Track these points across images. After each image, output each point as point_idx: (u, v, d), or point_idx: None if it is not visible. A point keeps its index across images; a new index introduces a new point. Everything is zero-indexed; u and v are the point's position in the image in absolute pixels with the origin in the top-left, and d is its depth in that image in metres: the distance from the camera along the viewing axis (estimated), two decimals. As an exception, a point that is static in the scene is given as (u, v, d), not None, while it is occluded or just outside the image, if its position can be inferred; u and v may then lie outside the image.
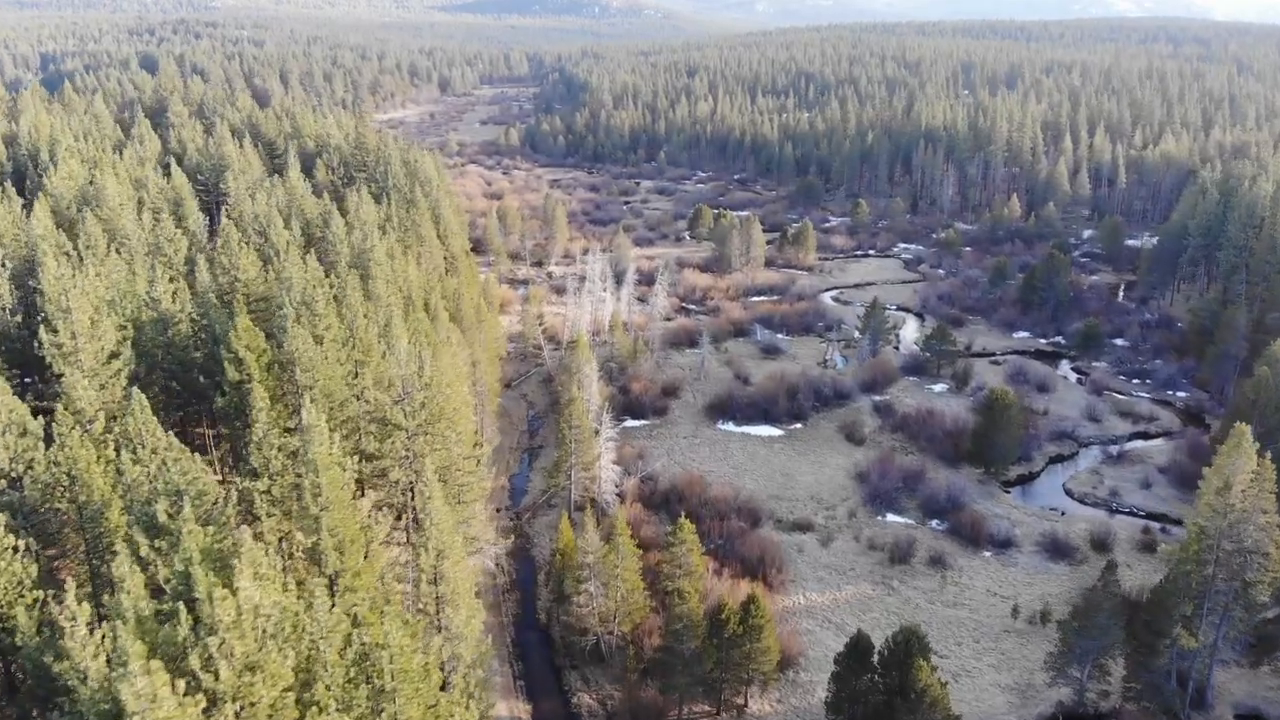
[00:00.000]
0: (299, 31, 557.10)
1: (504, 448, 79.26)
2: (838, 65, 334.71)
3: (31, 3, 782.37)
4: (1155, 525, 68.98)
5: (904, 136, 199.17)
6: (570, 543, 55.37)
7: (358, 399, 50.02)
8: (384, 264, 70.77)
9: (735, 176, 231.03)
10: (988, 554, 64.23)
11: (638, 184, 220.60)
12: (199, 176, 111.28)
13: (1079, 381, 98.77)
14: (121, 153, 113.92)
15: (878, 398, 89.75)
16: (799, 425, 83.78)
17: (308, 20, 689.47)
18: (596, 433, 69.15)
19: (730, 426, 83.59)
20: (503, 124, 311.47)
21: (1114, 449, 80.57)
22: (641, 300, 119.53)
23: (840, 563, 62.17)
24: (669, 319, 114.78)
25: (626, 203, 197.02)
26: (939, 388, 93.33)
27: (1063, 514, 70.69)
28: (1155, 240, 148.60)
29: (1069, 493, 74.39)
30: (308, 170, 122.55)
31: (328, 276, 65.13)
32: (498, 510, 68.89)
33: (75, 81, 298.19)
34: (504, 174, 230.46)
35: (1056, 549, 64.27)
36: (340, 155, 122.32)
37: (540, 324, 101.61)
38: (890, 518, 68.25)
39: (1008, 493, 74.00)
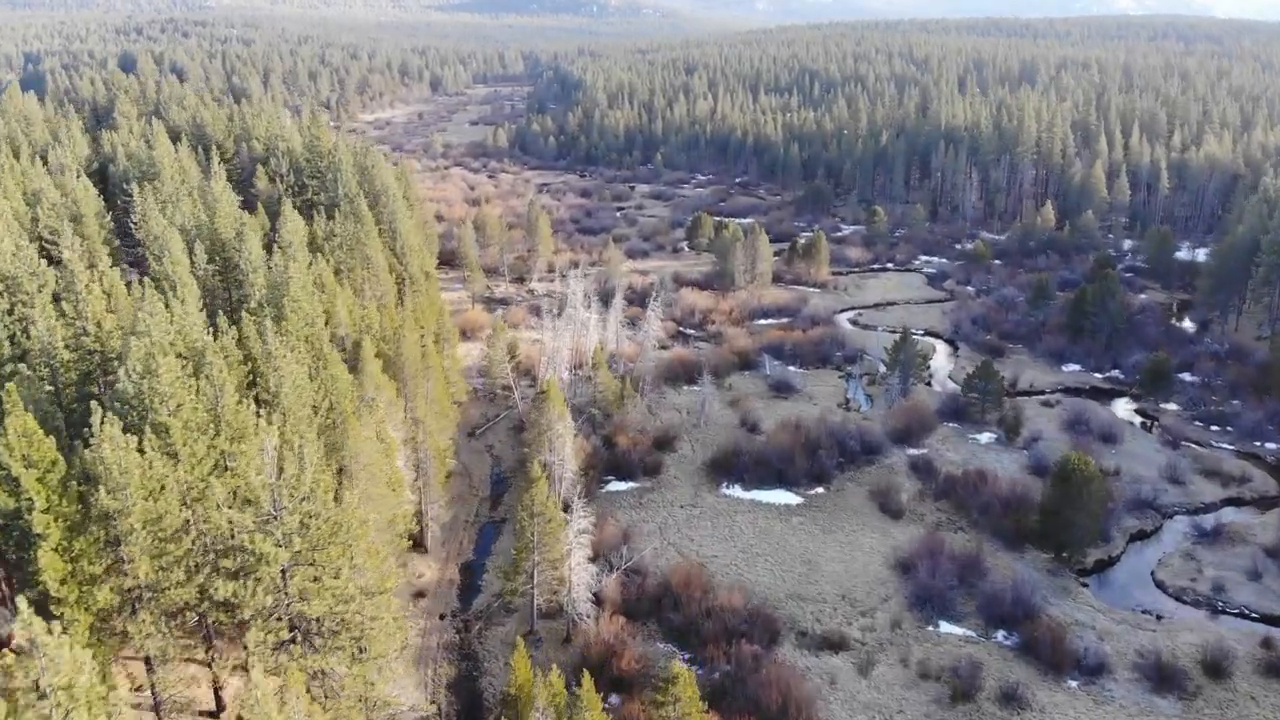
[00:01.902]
0: (290, 31, 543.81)
1: (457, 523, 64.36)
2: (842, 62, 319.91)
3: (25, 2, 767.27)
4: (1278, 633, 54.11)
5: (921, 137, 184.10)
6: (525, 684, 40.48)
7: (213, 513, 35.06)
8: (301, 300, 55.93)
9: (737, 180, 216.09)
10: (1073, 684, 49.26)
11: (632, 188, 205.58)
12: (125, 185, 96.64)
13: (1144, 426, 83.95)
14: (39, 160, 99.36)
15: (914, 451, 74.81)
16: (821, 490, 68.82)
17: (301, 20, 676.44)
18: (567, 511, 54.37)
19: (737, 491, 68.64)
20: (494, 124, 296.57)
21: (1206, 522, 65.68)
22: (633, 323, 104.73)
23: (885, 701, 47.20)
24: (664, 347, 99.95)
25: (620, 209, 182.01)
26: (985, 438, 78.41)
27: (1159, 618, 55.80)
28: (1207, 253, 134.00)
29: (1161, 586, 59.45)
30: (246, 179, 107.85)
31: (217, 322, 50.38)
32: (441, 617, 54.00)
33: (49, 81, 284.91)
34: (490, 177, 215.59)
35: (1161, 676, 49.34)
36: (290, 160, 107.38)
37: (514, 358, 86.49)
38: (944, 627, 53.34)
39: (1085, 586, 59.04)
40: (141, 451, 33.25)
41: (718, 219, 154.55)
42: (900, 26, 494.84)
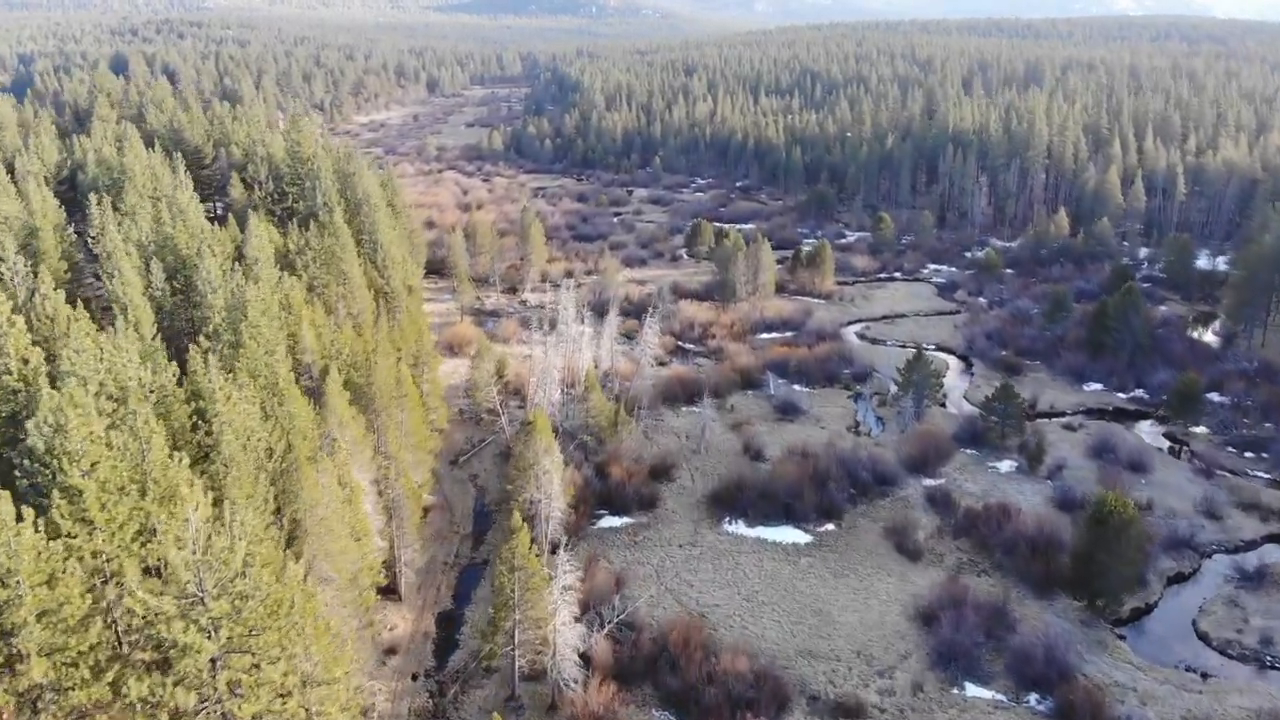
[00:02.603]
0: (286, 32, 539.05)
1: (435, 565, 59.14)
2: (844, 63, 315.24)
3: (21, 4, 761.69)
4: (1337, 693, 49.02)
5: (928, 140, 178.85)
6: (503, 771, 35.44)
7: (127, 596, 29.87)
8: (261, 325, 50.74)
9: (738, 184, 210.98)
10: (1119, 758, 44.19)
11: (630, 193, 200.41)
12: (93, 194, 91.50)
13: (1172, 451, 78.71)
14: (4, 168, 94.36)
15: (930, 482, 69.64)
16: (831, 526, 63.62)
17: (299, 20, 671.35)
18: (555, 552, 49.39)
19: (741, 528, 63.46)
20: (491, 126, 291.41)
21: (1248, 563, 60.48)
22: (629, 337, 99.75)
23: (908, 782, 42.09)
24: (662, 364, 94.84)
25: (617, 214, 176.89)
26: (1005, 466, 73.23)
27: (1205, 677, 50.61)
28: (1227, 262, 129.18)
29: (1204, 638, 54.24)
30: (224, 187, 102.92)
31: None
32: (413, 677, 48.80)
33: (37, 83, 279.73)
34: (484, 181, 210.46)
35: (1215, 747, 44.32)
36: (269, 166, 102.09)
37: (501, 376, 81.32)
38: (970, 690, 48.11)
39: (1122, 639, 53.79)
40: (37, 528, 28.08)
41: (718, 225, 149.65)
42: (901, 27, 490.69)
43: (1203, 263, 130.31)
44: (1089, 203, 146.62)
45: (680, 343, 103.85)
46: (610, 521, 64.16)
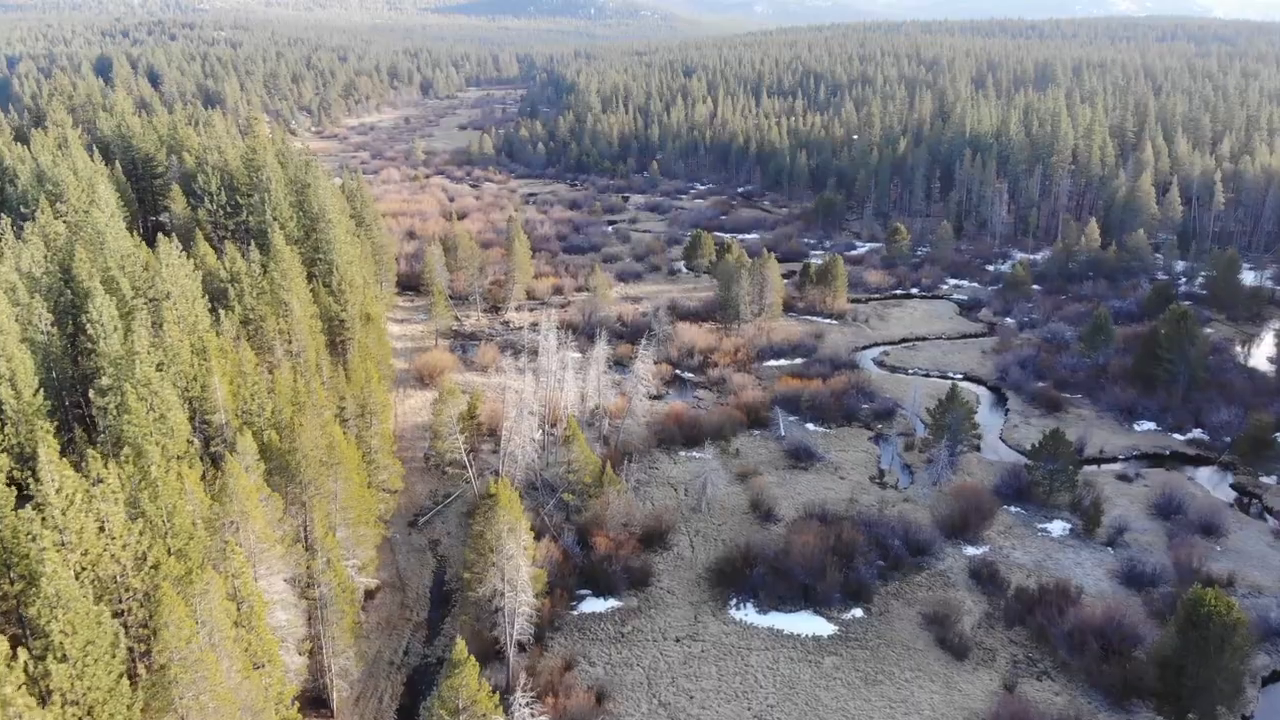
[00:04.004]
0: (281, 33, 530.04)
1: (379, 665, 48.67)
2: (848, 64, 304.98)
3: (15, 5, 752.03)
4: None
5: (942, 144, 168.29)
6: None
7: None
8: (153, 382, 40.61)
9: (739, 190, 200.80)
10: None
11: (626, 199, 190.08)
12: (22, 209, 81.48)
13: (1239, 504, 68.23)
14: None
15: (972, 550, 59.28)
16: (859, 612, 53.17)
17: (294, 22, 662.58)
18: (523, 651, 39.07)
19: (750, 614, 53.06)
20: (482, 129, 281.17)
21: (1363, 656, 50.21)
22: (620, 365, 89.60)
23: None
24: (657, 396, 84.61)
25: (612, 223, 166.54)
26: (1057, 528, 62.81)
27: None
28: (1270, 277, 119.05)
29: (1323, 762, 44.05)
30: (147, 198, 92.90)
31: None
32: (338, 836, 38.44)
33: (16, 85, 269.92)
34: (473, 187, 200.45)
35: None
36: (221, 176, 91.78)
37: (473, 419, 70.87)
38: None
39: (1224, 767, 43.56)
40: None
41: (719, 236, 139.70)
42: (904, 28, 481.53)
43: (1246, 278, 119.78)
44: (1119, 212, 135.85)
45: (678, 371, 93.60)
46: (594, 605, 53.83)
